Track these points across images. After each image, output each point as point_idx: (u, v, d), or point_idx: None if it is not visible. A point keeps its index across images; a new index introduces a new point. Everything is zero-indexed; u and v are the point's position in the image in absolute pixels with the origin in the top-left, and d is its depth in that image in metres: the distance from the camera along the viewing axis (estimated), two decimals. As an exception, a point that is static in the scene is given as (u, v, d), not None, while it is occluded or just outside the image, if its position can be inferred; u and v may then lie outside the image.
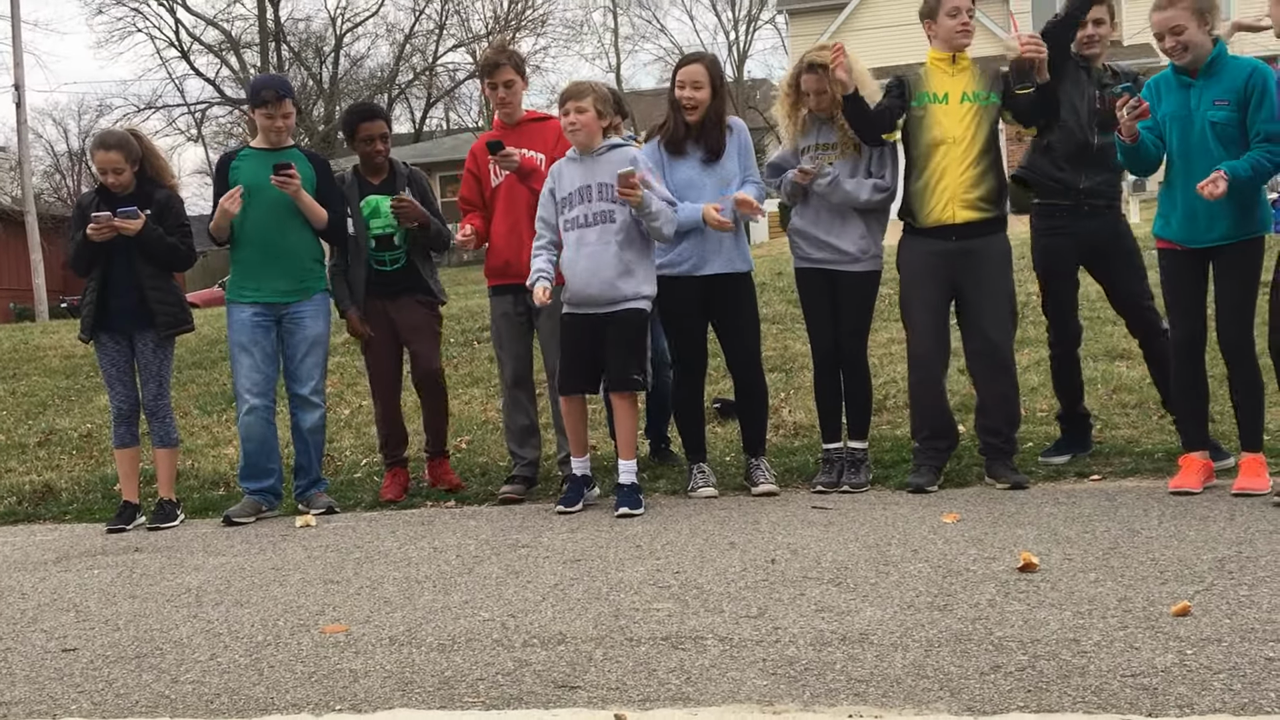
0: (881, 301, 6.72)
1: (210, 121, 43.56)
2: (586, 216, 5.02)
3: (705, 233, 5.15)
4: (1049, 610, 3.22)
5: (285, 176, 5.39)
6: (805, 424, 6.49)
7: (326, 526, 5.25)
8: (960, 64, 5.03)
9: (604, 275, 4.98)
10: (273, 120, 5.58)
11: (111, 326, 5.51)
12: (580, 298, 5.04)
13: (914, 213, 5.07)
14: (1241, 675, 2.67)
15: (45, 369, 11.00)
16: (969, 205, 4.98)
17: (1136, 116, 4.46)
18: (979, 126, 4.97)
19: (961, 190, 4.97)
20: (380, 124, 5.77)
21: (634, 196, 4.82)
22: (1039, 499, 4.70)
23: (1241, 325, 4.59)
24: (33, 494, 6.54)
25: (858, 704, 2.67)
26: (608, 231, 5.00)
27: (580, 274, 5.01)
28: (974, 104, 4.98)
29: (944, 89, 5.00)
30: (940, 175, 4.98)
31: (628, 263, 5.01)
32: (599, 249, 4.99)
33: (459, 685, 2.98)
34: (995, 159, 5.05)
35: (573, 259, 5.04)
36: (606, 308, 5.01)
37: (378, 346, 5.80)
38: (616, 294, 5.00)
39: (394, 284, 5.73)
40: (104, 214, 5.28)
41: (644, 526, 4.69)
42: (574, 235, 5.05)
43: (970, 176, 4.96)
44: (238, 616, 3.78)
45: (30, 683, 3.26)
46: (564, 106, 5.03)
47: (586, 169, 5.05)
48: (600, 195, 4.99)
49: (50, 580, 4.54)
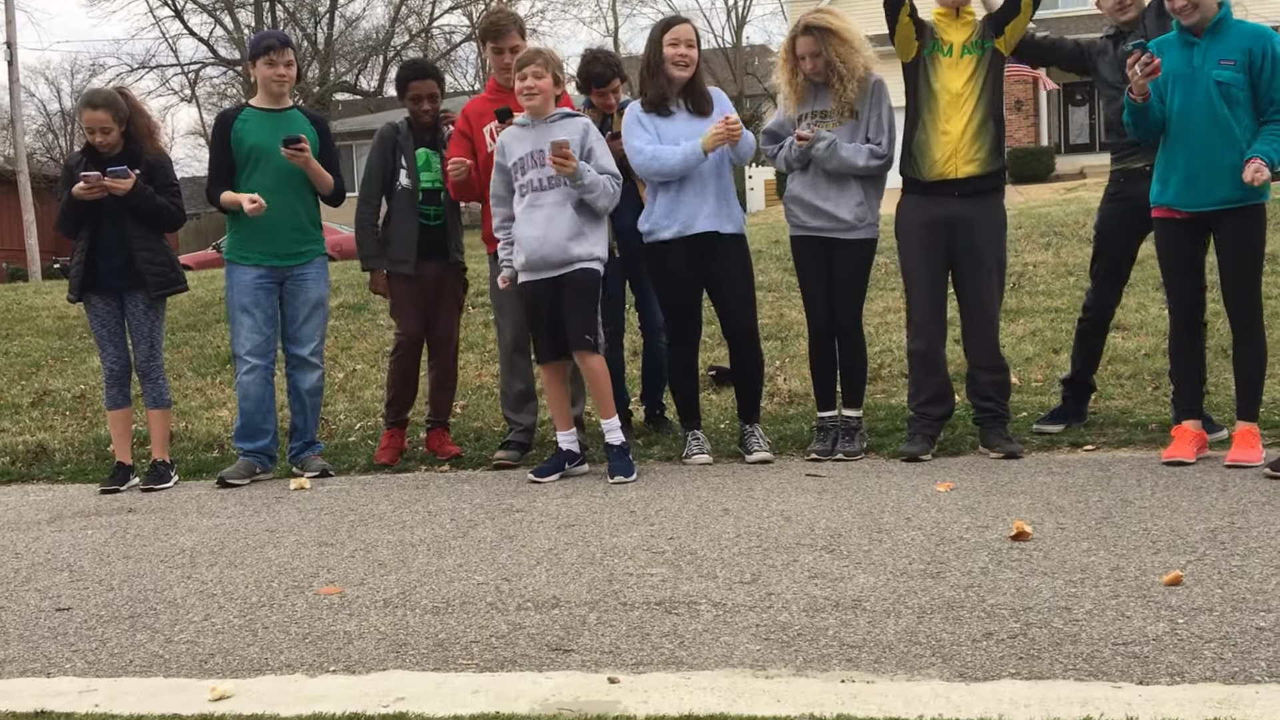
0: (878, 270, 6.72)
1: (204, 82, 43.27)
2: (540, 181, 5.01)
3: (685, 190, 5.14)
4: (1041, 578, 3.23)
5: (296, 149, 5.37)
6: (800, 392, 6.49)
7: (321, 489, 5.26)
8: (964, 17, 5.05)
9: (556, 238, 4.98)
10: (274, 68, 5.52)
11: (101, 287, 5.48)
12: (534, 260, 5.02)
13: (917, 165, 5.05)
14: (1232, 644, 2.68)
15: (38, 329, 10.97)
16: (970, 159, 4.97)
17: (1149, 74, 4.42)
18: (981, 79, 4.98)
19: (964, 144, 4.96)
20: (430, 83, 5.75)
21: (566, 167, 4.84)
22: (1032, 468, 4.71)
23: (1248, 291, 4.56)
24: (26, 454, 6.53)
25: (850, 669, 2.68)
26: (561, 194, 5.00)
27: (533, 237, 5.00)
28: (974, 54, 4.99)
29: (949, 40, 5.00)
30: (943, 129, 4.97)
31: (580, 225, 5.02)
32: (553, 211, 4.99)
33: (453, 647, 2.99)
34: (996, 111, 5.05)
35: (525, 223, 5.03)
36: (559, 270, 5.01)
37: (406, 302, 5.77)
38: (569, 255, 5.00)
39: (434, 240, 5.72)
40: (93, 173, 5.24)
41: (638, 492, 4.70)
42: (527, 200, 5.04)
43: (972, 129, 4.96)
44: (232, 578, 3.78)
45: (24, 641, 3.27)
46: (521, 71, 5.01)
47: (538, 134, 5.04)
48: None
49: (44, 540, 4.54)
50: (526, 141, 5.06)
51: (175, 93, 42.94)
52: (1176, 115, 4.56)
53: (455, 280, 5.88)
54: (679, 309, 5.32)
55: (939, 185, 5.01)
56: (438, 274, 5.75)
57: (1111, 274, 5.25)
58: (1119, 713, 2.34)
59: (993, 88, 5.05)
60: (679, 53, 5.17)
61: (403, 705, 2.61)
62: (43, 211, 24.71)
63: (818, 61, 5.02)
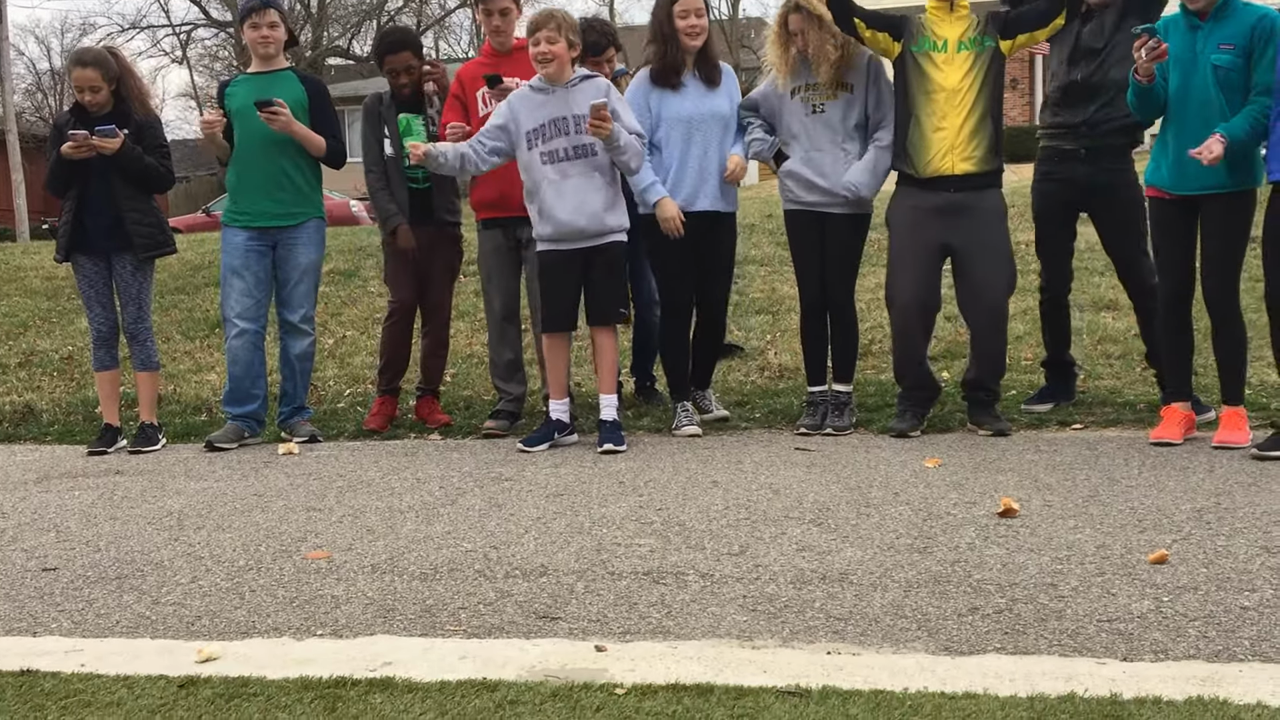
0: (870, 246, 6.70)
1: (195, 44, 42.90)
2: (567, 150, 4.95)
3: (688, 166, 5.14)
4: (1028, 555, 3.25)
5: (270, 113, 5.31)
6: (790, 367, 6.49)
7: (309, 455, 5.25)
8: (958, 11, 4.96)
9: (592, 208, 4.95)
10: (258, 30, 5.48)
11: (88, 248, 5.44)
12: (567, 231, 4.97)
13: (912, 163, 5.01)
14: (1216, 623, 2.70)
15: (26, 289, 10.91)
16: (967, 157, 4.92)
17: (1155, 58, 4.40)
18: (977, 75, 4.90)
19: (960, 141, 4.91)
20: (405, 56, 5.63)
21: (604, 129, 4.77)
22: (1020, 446, 4.72)
23: (1226, 278, 4.58)
24: (13, 414, 6.51)
25: (836, 641, 2.70)
26: (592, 165, 4.96)
27: (567, 207, 4.95)
28: (971, 50, 4.91)
29: (943, 35, 4.93)
30: (938, 125, 4.93)
31: (611, 196, 5.01)
32: (583, 182, 4.94)
33: (440, 614, 2.99)
34: (995, 110, 4.97)
35: (555, 194, 4.96)
36: (593, 240, 4.98)
37: (399, 269, 5.75)
38: (604, 226, 4.98)
39: (422, 203, 5.67)
40: (81, 132, 5.20)
41: (627, 463, 4.70)
42: (554, 169, 4.96)
43: (969, 127, 4.91)
44: (219, 541, 3.78)
45: (10, 600, 3.27)
46: (534, 36, 4.92)
47: (559, 101, 4.96)
48: (578, 129, 4.92)
49: (30, 500, 4.53)
50: (547, 108, 4.96)
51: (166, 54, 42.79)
52: (1174, 98, 4.55)
53: (449, 248, 5.84)
54: (672, 281, 5.32)
55: (935, 181, 4.97)
56: (430, 240, 5.71)
57: (1054, 252, 5.29)
58: (1103, 688, 2.36)
59: (992, 85, 4.94)
60: (690, 24, 5.15)
61: (390, 670, 2.62)
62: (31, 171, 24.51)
63: (810, 38, 4.99)
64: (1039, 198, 5.27)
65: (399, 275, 5.77)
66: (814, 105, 5.11)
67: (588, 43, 5.49)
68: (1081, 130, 5.06)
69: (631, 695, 2.42)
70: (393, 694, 2.48)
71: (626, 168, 4.99)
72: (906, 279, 5.06)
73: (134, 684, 2.60)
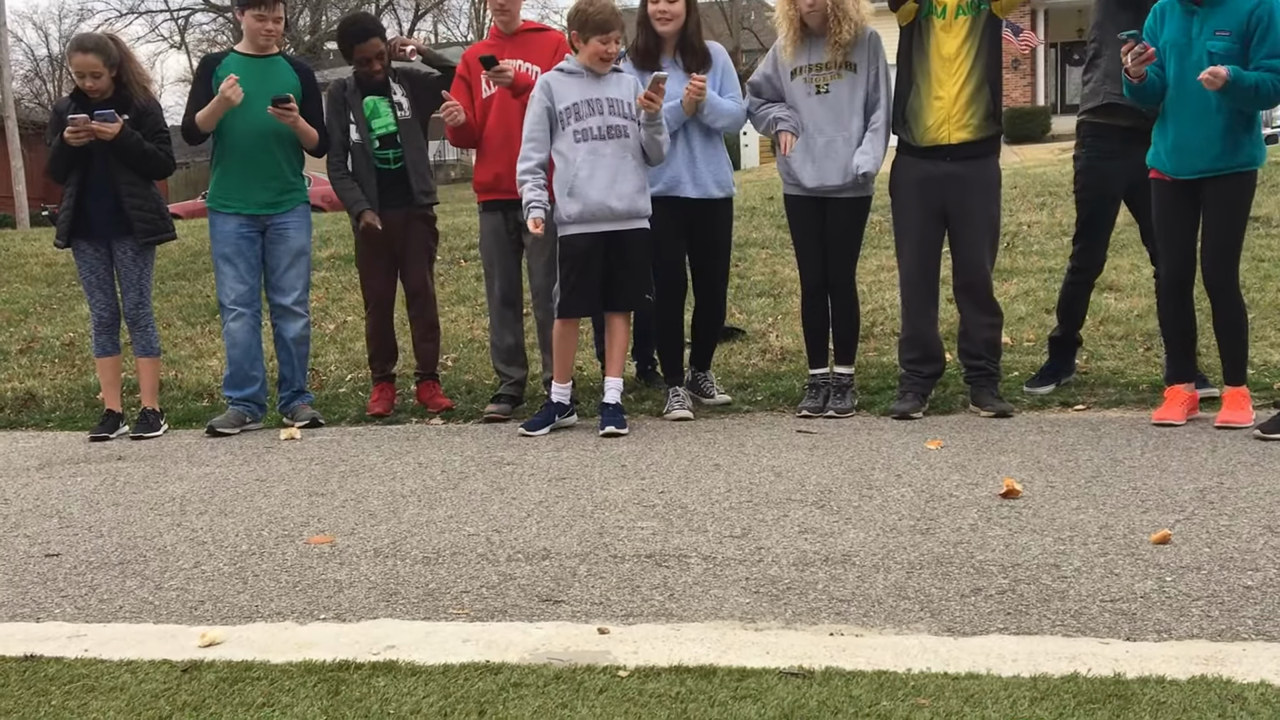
0: (871, 228, 6.69)
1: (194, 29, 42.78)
2: (601, 129, 4.92)
3: (674, 155, 5.11)
4: (1030, 536, 3.25)
5: (284, 109, 5.33)
6: (792, 349, 6.48)
7: (311, 439, 5.25)
8: None
9: (625, 188, 4.92)
10: (263, 22, 5.47)
11: (89, 233, 5.43)
12: (598, 210, 4.90)
13: (910, 131, 5.01)
14: (1220, 602, 2.70)
15: (26, 276, 10.90)
16: (964, 125, 4.92)
17: (1142, 62, 4.41)
18: (974, 42, 4.89)
19: (957, 110, 4.91)
20: (374, 44, 5.60)
21: (657, 104, 4.81)
22: (1023, 427, 4.72)
23: (1226, 259, 4.56)
24: (15, 401, 6.51)
25: (839, 623, 2.70)
26: (624, 146, 4.94)
27: (599, 185, 4.89)
28: (968, 15, 4.89)
29: (942, 1, 4.91)
30: (936, 94, 4.92)
31: (642, 180, 5.01)
32: (616, 162, 4.92)
33: (443, 597, 2.99)
34: (992, 75, 4.96)
35: (589, 171, 4.90)
36: (623, 223, 4.95)
37: (372, 258, 5.74)
38: (635, 208, 4.96)
39: (395, 185, 5.63)
40: (81, 116, 5.19)
41: (629, 447, 4.70)
42: (587, 146, 4.92)
43: (965, 95, 4.90)
44: (222, 526, 3.78)
45: (13, 586, 3.27)
46: (606, 35, 4.90)
47: (590, 83, 4.96)
48: (613, 110, 4.92)
49: (33, 486, 4.53)
50: (580, 87, 4.95)
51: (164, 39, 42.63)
52: (1172, 83, 4.54)
53: (423, 230, 5.79)
54: (662, 265, 5.31)
55: (932, 150, 4.97)
56: (404, 223, 5.67)
57: (1098, 232, 5.23)
58: (1106, 668, 2.36)
59: (988, 51, 4.94)
60: (659, 9, 5.12)
61: (393, 653, 2.62)
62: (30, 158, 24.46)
63: (814, 13, 4.96)
64: (1096, 177, 5.12)
65: (372, 265, 5.75)
66: (817, 86, 5.08)
67: None
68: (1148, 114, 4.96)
69: (634, 677, 2.42)
70: (396, 677, 2.48)
71: (658, 150, 4.97)
72: (910, 248, 5.09)
73: (137, 669, 2.60)
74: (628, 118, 4.94)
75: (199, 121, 5.46)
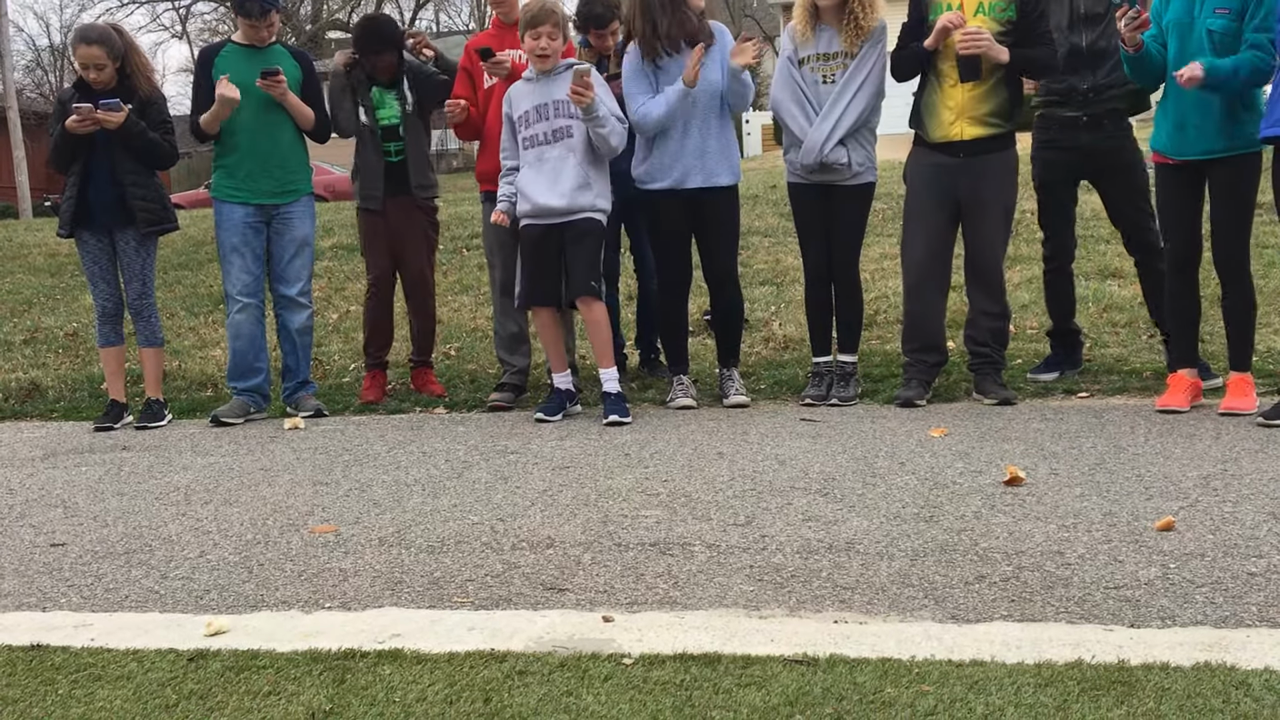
0: (875, 216, 6.69)
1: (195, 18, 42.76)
2: (546, 134, 5.03)
3: (680, 141, 5.08)
4: (1034, 523, 3.25)
5: (272, 81, 5.35)
6: (795, 337, 6.48)
7: (315, 429, 5.25)
8: None
9: (563, 187, 4.99)
10: (256, 30, 5.53)
11: (92, 223, 5.44)
12: (539, 209, 5.03)
13: (924, 125, 5.00)
14: (1224, 589, 2.70)
15: (29, 267, 10.91)
16: (977, 121, 4.89)
17: (1136, 27, 4.39)
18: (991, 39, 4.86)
19: (970, 106, 4.88)
20: (389, 58, 5.59)
21: (587, 97, 4.83)
22: (1026, 415, 4.71)
23: (1235, 242, 4.55)
24: (19, 391, 6.52)
25: (843, 610, 2.70)
26: (567, 146, 5.01)
27: (540, 188, 5.01)
28: (988, 16, 4.86)
29: None
30: (948, 90, 4.90)
31: (586, 176, 5.03)
32: (558, 164, 5.01)
33: (448, 586, 3.00)
34: (1009, 72, 4.90)
35: (533, 176, 5.04)
36: (564, 217, 5.01)
37: (375, 241, 5.75)
38: (574, 204, 5.01)
39: (396, 176, 5.67)
40: (86, 105, 5.18)
41: (633, 435, 4.70)
42: (533, 153, 5.05)
43: (980, 91, 4.87)
44: (227, 515, 3.79)
45: (19, 576, 3.28)
46: (535, 30, 4.95)
47: (542, 88, 5.05)
48: (557, 112, 5.01)
49: (38, 476, 4.54)
50: (532, 95, 5.06)
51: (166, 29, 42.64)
52: (1172, 63, 4.53)
53: (424, 219, 5.81)
54: (668, 256, 5.30)
55: (945, 146, 4.95)
56: (405, 211, 5.71)
57: (1057, 220, 5.27)
58: (1110, 655, 2.36)
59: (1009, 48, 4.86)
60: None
61: (398, 641, 2.63)
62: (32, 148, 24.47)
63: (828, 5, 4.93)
64: (1041, 166, 5.23)
65: (374, 245, 5.79)
66: (824, 76, 5.05)
67: (593, 15, 5.46)
68: (1088, 96, 5.02)
69: (639, 665, 2.42)
70: (401, 665, 2.49)
71: (606, 143, 4.98)
72: (918, 236, 5.08)
73: (143, 657, 2.61)
74: (574, 117, 4.99)
75: (204, 125, 5.49)
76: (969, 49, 4.76)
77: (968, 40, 4.75)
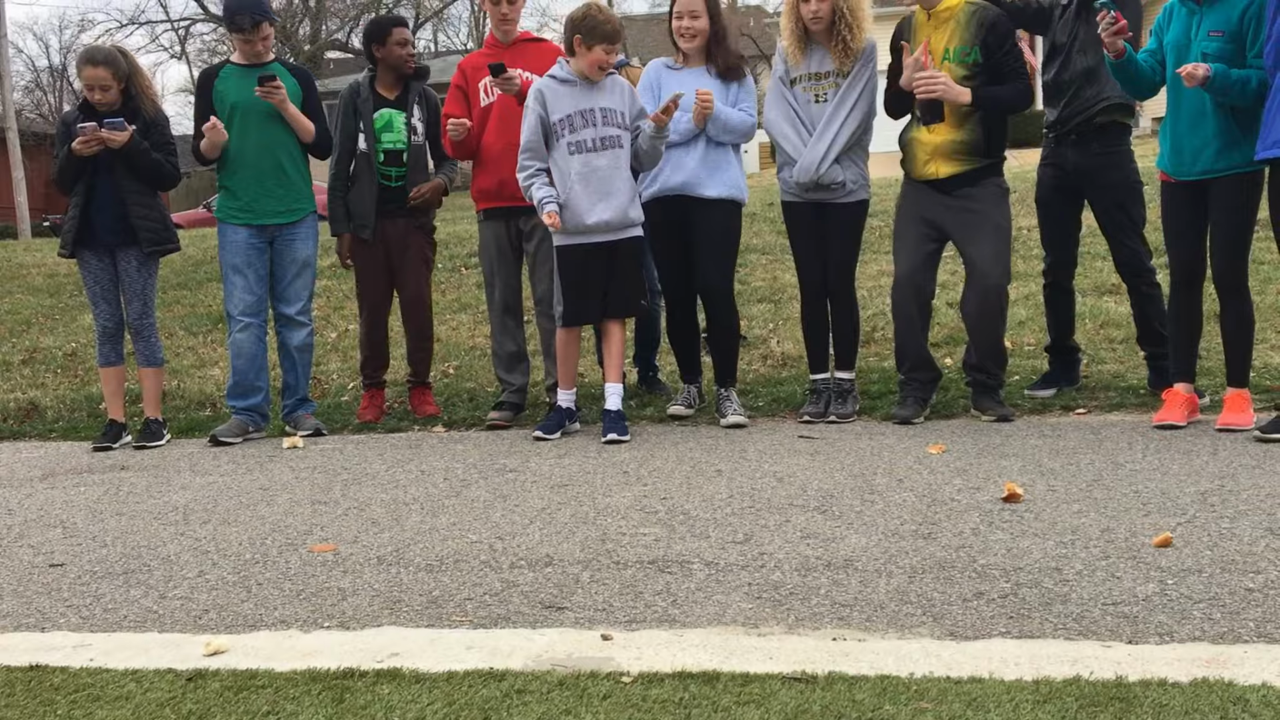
0: (870, 233, 6.71)
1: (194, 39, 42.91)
2: (594, 141, 4.95)
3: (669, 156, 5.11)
4: (1032, 539, 3.25)
5: (270, 88, 5.36)
6: (793, 355, 6.50)
7: (314, 448, 5.26)
8: (942, 15, 4.88)
9: (618, 200, 4.96)
10: (251, 45, 5.54)
11: (94, 243, 5.45)
12: (592, 224, 4.95)
13: (906, 160, 5.06)
14: (1221, 605, 2.70)
15: (28, 287, 10.93)
16: (951, 160, 4.91)
17: (1115, 32, 4.42)
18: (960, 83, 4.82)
19: (944, 146, 4.90)
20: (407, 31, 5.75)
21: (666, 120, 4.86)
22: (1024, 431, 4.72)
23: (1234, 259, 4.57)
24: (18, 411, 6.52)
25: (841, 627, 2.70)
26: (618, 157, 4.97)
27: (592, 199, 4.94)
28: (953, 63, 4.85)
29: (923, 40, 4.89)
30: (922, 129, 4.94)
31: (633, 189, 5.05)
32: (610, 174, 4.95)
33: (447, 604, 3.00)
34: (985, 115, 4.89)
35: (581, 184, 4.94)
36: (616, 234, 4.99)
37: (371, 266, 5.76)
38: (627, 219, 5.01)
39: (395, 200, 5.68)
40: (90, 124, 5.21)
41: (631, 453, 4.71)
42: (579, 159, 4.94)
43: (951, 130, 4.89)
44: (225, 535, 3.79)
45: (18, 596, 3.28)
46: (611, 46, 4.92)
47: (584, 93, 4.97)
48: (606, 120, 4.95)
49: (37, 497, 4.54)
50: (573, 99, 4.97)
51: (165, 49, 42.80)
52: (1170, 83, 4.56)
53: (422, 239, 5.83)
54: (661, 265, 5.37)
55: (925, 183, 5.00)
56: (401, 233, 5.72)
57: (1058, 238, 5.31)
58: (1108, 671, 2.36)
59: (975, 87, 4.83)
60: (683, 25, 5.16)
61: (397, 660, 2.63)
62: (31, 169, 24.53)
63: (823, 6, 4.95)
64: (1039, 184, 5.34)
65: (368, 275, 5.78)
66: (816, 95, 5.08)
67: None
68: (1056, 128, 5.14)
69: (638, 683, 2.42)
70: (400, 684, 2.49)
71: (654, 159, 5.03)
72: (901, 260, 5.10)
73: (142, 677, 2.61)
74: (621, 127, 4.97)
75: (204, 151, 5.54)
76: (924, 93, 4.80)
77: (921, 83, 4.80)
